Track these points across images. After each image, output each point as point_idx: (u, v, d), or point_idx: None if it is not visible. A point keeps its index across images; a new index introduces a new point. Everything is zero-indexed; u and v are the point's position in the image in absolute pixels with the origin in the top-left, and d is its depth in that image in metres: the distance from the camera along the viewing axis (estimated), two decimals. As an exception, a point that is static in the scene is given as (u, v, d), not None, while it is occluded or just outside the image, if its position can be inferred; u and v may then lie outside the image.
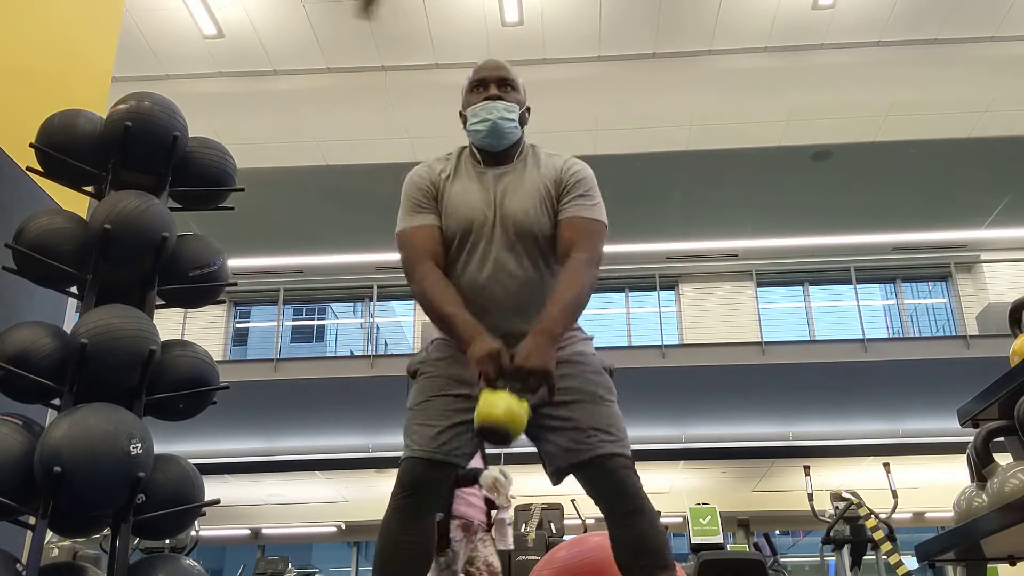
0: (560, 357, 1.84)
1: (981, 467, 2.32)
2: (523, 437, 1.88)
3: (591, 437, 1.83)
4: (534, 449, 1.95)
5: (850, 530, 5.80)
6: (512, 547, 3.93)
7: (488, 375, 1.71)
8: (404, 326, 13.09)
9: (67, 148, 2.33)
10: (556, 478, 1.92)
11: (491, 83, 2.05)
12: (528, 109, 2.11)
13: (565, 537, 6.32)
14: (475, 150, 2.05)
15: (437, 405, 1.89)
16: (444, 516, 3.62)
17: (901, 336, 11.70)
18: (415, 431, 1.87)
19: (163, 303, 2.40)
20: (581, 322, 2.03)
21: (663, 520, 2.01)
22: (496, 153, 2.03)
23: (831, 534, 5.90)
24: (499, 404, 1.68)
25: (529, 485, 9.23)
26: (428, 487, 1.84)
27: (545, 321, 1.81)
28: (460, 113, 2.11)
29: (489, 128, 1.99)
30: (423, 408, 1.90)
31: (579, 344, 1.97)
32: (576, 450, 1.83)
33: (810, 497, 6.24)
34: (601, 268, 1.98)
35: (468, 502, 3.77)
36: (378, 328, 12.04)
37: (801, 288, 11.66)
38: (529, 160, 2.04)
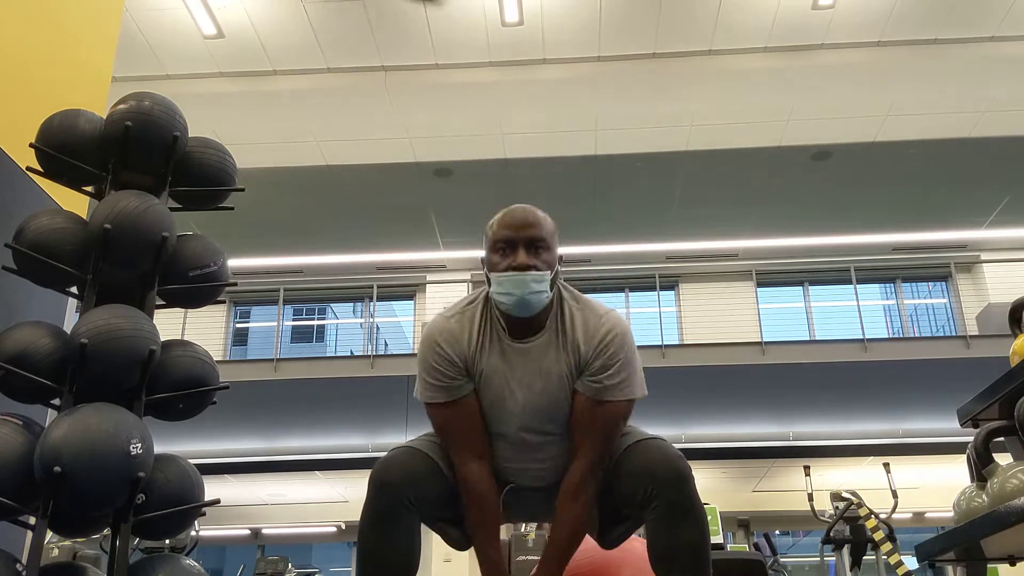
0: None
1: (981, 467, 2.32)
2: None
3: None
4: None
5: (850, 530, 5.79)
6: None
7: None
8: (404, 326, 13.10)
9: (67, 148, 2.33)
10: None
11: (519, 245, 1.79)
12: (561, 259, 1.89)
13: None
14: (500, 314, 1.86)
15: None
16: None
17: (901, 336, 11.70)
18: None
19: (163, 303, 2.40)
20: None
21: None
22: (525, 319, 1.83)
23: (831, 534, 5.89)
24: None
25: (529, 485, 9.26)
26: (402, 481, 1.76)
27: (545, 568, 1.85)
28: (482, 260, 1.89)
29: (515, 303, 1.78)
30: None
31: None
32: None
33: (810, 497, 6.24)
34: (601, 268, 1.96)
35: None
36: (378, 328, 12.04)
37: (801, 288, 11.66)
38: (560, 325, 1.86)
